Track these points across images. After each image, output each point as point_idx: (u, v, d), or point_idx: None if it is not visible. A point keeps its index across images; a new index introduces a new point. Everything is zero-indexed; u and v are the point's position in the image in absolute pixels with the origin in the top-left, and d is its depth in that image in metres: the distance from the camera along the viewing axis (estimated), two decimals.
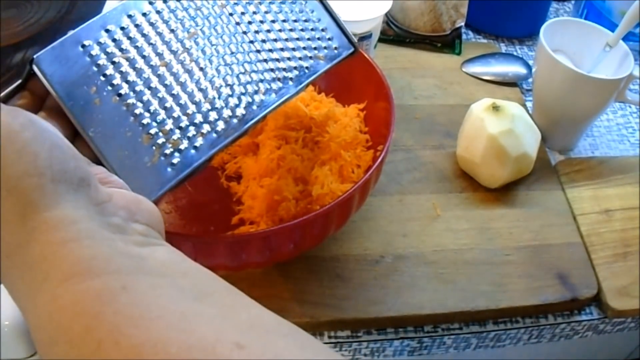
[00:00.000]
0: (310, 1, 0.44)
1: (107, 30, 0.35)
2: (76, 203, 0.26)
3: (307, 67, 0.43)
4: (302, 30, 0.43)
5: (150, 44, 0.36)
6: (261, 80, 0.40)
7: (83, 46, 0.33)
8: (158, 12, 0.37)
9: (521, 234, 0.57)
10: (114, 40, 0.35)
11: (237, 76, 0.39)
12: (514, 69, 0.76)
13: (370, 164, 0.54)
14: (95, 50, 0.34)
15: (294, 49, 0.42)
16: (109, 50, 0.34)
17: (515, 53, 0.81)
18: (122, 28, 0.35)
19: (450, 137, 0.65)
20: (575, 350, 0.64)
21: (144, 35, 0.36)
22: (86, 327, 0.22)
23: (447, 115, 0.69)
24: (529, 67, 0.76)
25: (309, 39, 0.44)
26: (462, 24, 0.76)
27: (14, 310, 0.47)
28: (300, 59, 0.43)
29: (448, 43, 0.78)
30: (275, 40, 0.42)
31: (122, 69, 0.34)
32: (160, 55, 0.36)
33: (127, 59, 0.34)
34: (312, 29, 0.44)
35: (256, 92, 0.40)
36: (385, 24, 0.77)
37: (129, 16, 0.36)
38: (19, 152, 0.25)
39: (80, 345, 0.22)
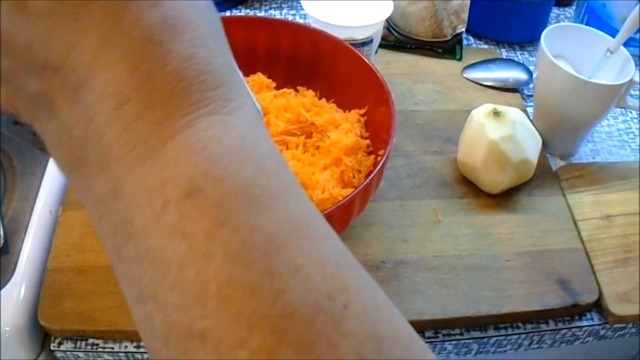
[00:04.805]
0: None
1: None
2: None
3: None
4: None
5: None
6: None
7: None
8: None
9: (522, 240, 0.57)
10: None
11: None
12: (514, 74, 0.76)
13: (371, 169, 0.54)
14: None
15: None
16: None
17: (516, 59, 0.81)
18: None
19: (451, 142, 0.66)
20: (576, 355, 0.64)
21: None
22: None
23: (448, 121, 0.69)
24: (529, 73, 0.76)
25: None
26: (463, 29, 0.76)
27: (15, 315, 0.48)
28: None
29: (449, 49, 0.78)
30: None
31: None
32: None
33: None
34: None
35: None
36: (386, 30, 0.77)
37: None
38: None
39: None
